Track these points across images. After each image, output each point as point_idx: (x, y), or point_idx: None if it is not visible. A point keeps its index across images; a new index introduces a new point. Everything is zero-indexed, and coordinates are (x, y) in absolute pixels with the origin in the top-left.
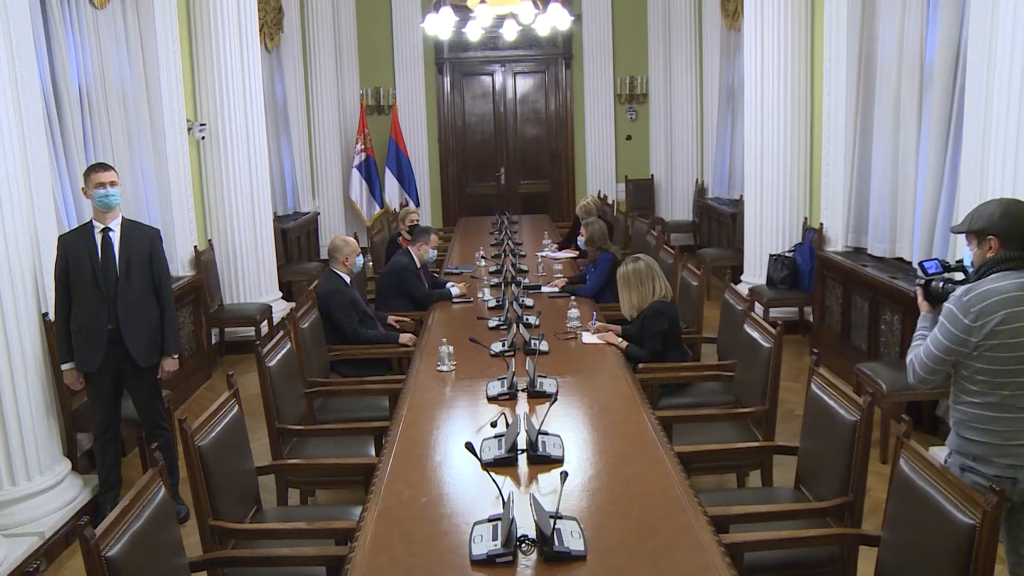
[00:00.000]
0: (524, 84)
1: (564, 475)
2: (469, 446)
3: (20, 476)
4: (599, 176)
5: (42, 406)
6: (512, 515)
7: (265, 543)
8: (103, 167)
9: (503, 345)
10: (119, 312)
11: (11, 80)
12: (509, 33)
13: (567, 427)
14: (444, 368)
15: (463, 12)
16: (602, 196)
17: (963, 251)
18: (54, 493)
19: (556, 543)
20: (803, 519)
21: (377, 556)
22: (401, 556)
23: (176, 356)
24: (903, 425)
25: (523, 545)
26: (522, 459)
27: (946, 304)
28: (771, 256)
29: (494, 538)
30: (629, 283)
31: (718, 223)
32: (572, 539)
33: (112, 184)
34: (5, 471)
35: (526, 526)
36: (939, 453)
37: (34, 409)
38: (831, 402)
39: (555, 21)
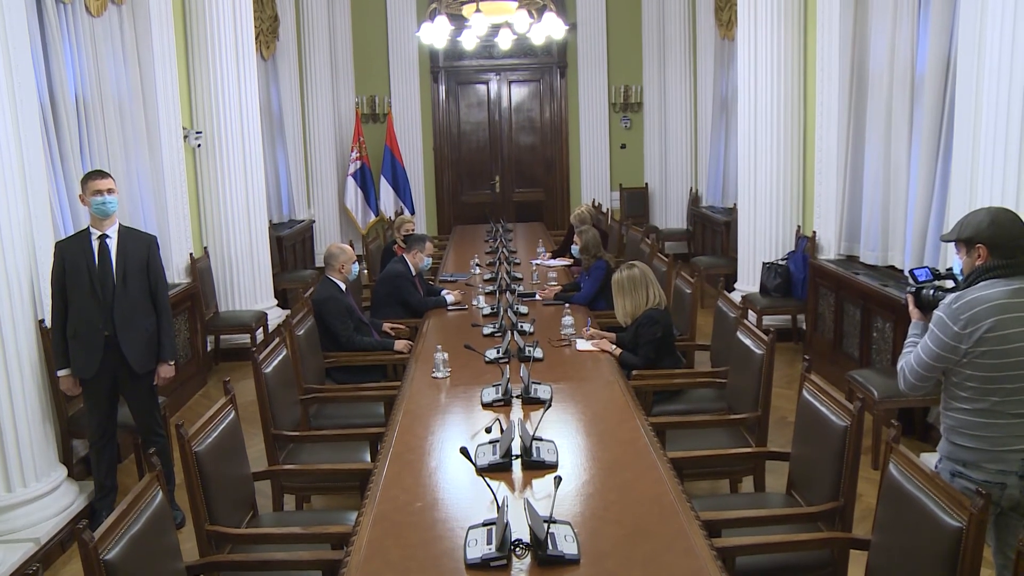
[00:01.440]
0: (519, 93)
1: (558, 480)
2: (464, 451)
3: (16, 482)
4: (593, 184)
5: (38, 412)
6: (506, 519)
7: (261, 548)
8: (100, 174)
9: (498, 352)
10: (116, 319)
11: (8, 88)
12: (504, 42)
13: (561, 433)
14: (439, 375)
15: (458, 21)
16: (596, 204)
17: (953, 259)
18: (50, 499)
19: (550, 547)
20: (794, 524)
21: (372, 560)
22: (396, 560)
23: (172, 362)
24: (892, 430)
25: (517, 549)
26: (516, 464)
27: (936, 312)
28: (764, 264)
29: (488, 542)
30: (623, 289)
31: (712, 231)
32: (566, 543)
33: (109, 191)
34: (1, 477)
35: (520, 530)
36: (930, 459)
37: (30, 415)
38: (822, 408)
39: (550, 30)
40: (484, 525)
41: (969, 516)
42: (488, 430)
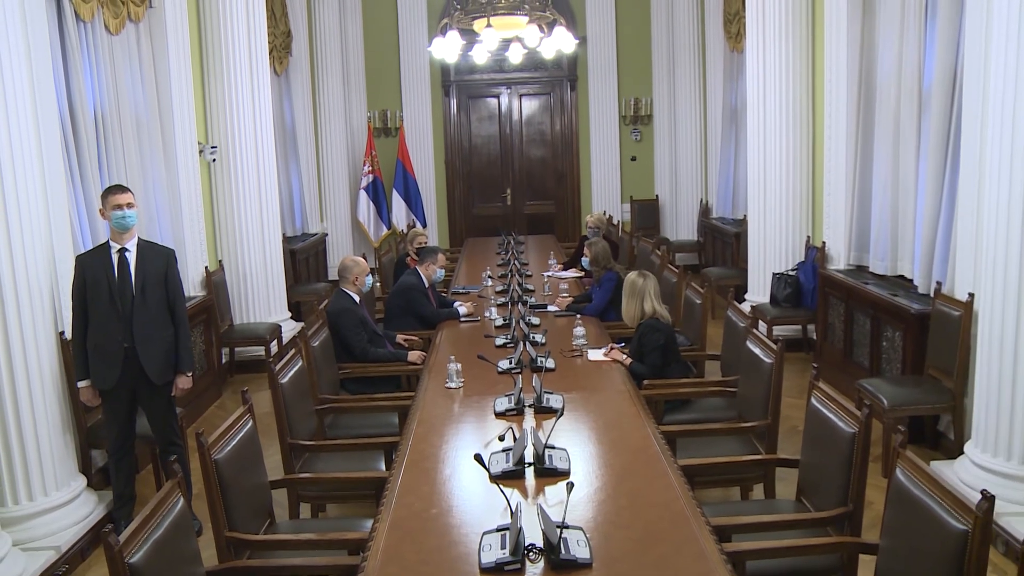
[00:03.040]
0: (530, 106)
1: (570, 486)
2: (478, 457)
3: (37, 491)
4: (604, 197)
5: (59, 423)
6: (520, 525)
7: (279, 554)
8: (120, 189)
9: (510, 362)
10: (135, 331)
11: (30, 103)
12: (515, 56)
13: (573, 441)
14: (452, 385)
15: (469, 36)
16: (607, 216)
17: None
18: (70, 508)
19: (563, 551)
20: (804, 529)
21: (389, 565)
22: (413, 564)
23: (190, 374)
24: (898, 436)
25: (531, 554)
26: (529, 472)
27: None
28: (774, 275)
29: (503, 547)
30: (625, 290)
31: (722, 242)
32: (578, 547)
33: (129, 205)
34: (23, 486)
35: (534, 535)
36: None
37: (51, 425)
38: (830, 415)
39: (560, 44)
40: (498, 530)
41: (974, 519)
42: (501, 438)
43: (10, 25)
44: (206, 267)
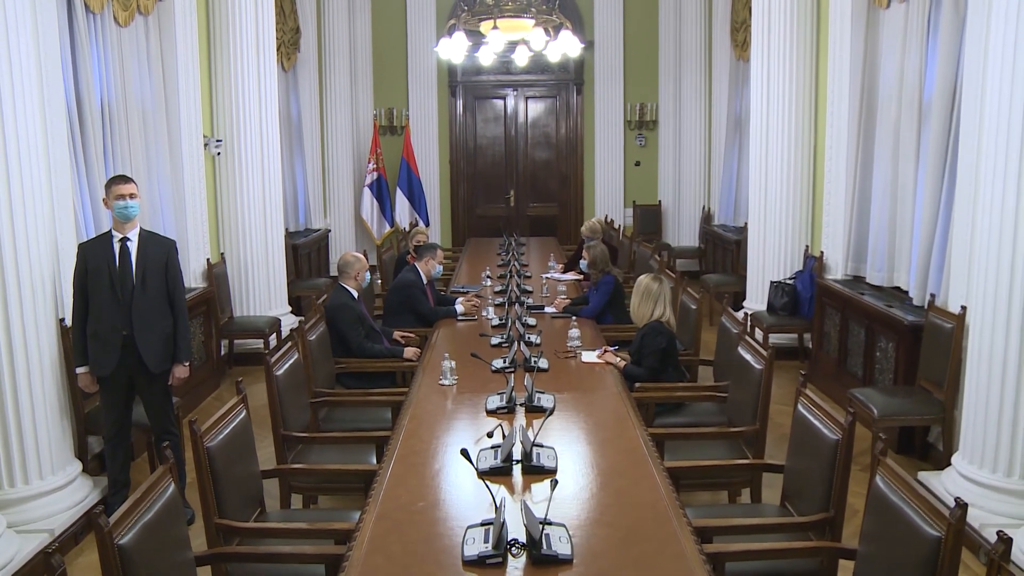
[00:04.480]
0: (535, 108)
1: (554, 483)
2: (464, 452)
3: (33, 475)
4: (607, 200)
5: (56, 408)
6: (503, 520)
7: (268, 542)
8: (124, 179)
9: (504, 362)
10: (134, 319)
11: (38, 93)
12: (521, 59)
13: (562, 441)
14: (446, 382)
15: (476, 37)
16: (609, 220)
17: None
18: (65, 492)
19: (544, 547)
20: (784, 533)
21: (374, 555)
22: (397, 555)
23: (187, 364)
24: (879, 443)
25: (513, 548)
26: (516, 469)
27: None
28: (772, 283)
29: (486, 541)
30: (639, 291)
31: (723, 249)
32: (560, 544)
33: (132, 196)
34: (19, 469)
35: (517, 531)
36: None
37: (48, 410)
38: (815, 422)
39: (566, 48)
40: (482, 525)
41: (948, 526)
42: (490, 435)
43: (20, 15)
44: (208, 259)
